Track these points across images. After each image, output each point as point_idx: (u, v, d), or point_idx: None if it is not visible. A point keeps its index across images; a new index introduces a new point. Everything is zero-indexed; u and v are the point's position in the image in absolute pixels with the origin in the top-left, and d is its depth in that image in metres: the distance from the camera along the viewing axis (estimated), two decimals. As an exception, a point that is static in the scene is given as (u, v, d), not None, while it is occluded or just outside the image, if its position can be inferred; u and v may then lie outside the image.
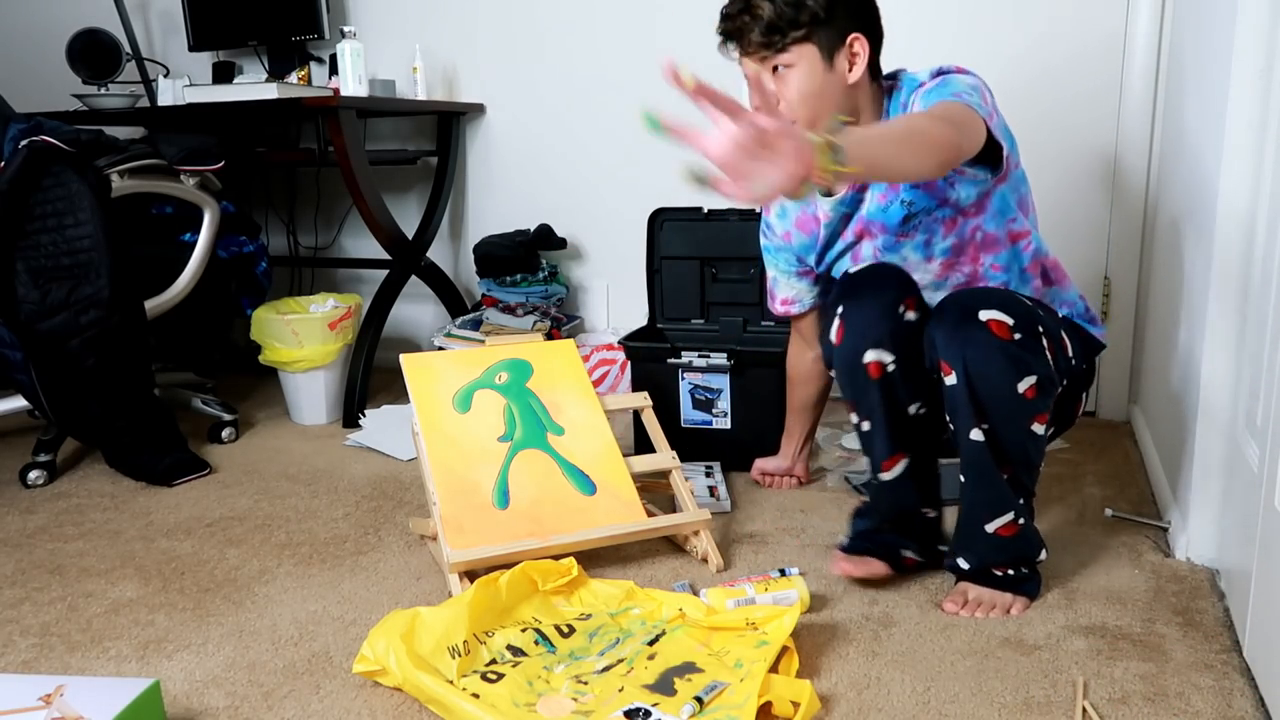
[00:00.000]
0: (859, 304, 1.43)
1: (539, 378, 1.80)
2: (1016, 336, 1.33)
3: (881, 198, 1.52)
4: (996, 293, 1.39)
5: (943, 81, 1.40)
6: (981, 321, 1.33)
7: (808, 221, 1.66)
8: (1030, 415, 1.37)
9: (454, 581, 1.50)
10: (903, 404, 1.46)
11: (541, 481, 1.65)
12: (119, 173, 2.09)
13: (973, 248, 1.53)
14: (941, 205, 1.49)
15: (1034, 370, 1.35)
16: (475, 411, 1.72)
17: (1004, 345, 1.32)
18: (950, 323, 1.36)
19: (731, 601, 1.40)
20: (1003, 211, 1.52)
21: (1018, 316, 1.34)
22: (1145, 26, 2.26)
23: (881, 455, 1.49)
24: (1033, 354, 1.35)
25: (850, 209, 1.57)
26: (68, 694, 1.13)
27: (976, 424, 1.37)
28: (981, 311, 1.34)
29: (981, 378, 1.34)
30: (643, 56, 2.71)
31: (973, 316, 1.34)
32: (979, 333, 1.33)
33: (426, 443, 1.64)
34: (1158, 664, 1.31)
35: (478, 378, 1.77)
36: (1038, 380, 1.35)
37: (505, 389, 1.77)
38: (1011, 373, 1.33)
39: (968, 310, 1.35)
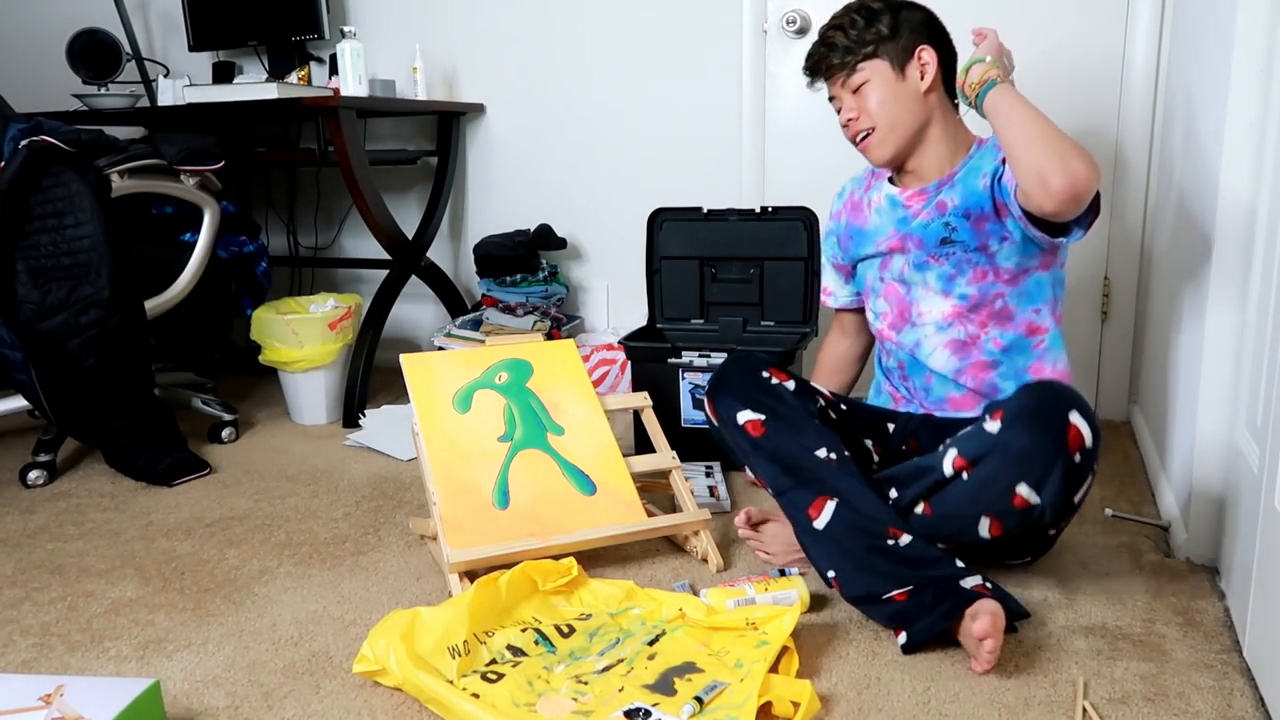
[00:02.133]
0: (724, 379, 1.58)
1: (539, 377, 1.80)
2: (1078, 459, 1.31)
3: (928, 214, 1.55)
4: (1075, 392, 1.37)
5: None
6: (1065, 427, 1.30)
7: (859, 207, 1.68)
8: (1029, 532, 1.38)
9: (454, 581, 1.50)
10: (810, 447, 1.46)
11: (541, 481, 1.65)
12: (119, 173, 2.09)
13: (988, 310, 1.54)
14: (980, 250, 1.51)
15: (1079, 489, 1.36)
16: (475, 411, 1.72)
17: (1069, 461, 1.31)
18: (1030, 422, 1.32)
19: (732, 601, 1.40)
20: (1032, 297, 1.54)
21: (1093, 425, 1.32)
22: (1145, 27, 2.26)
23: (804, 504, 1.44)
24: (1088, 471, 1.34)
25: (898, 222, 1.60)
26: (68, 694, 1.13)
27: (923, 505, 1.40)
28: (1072, 413, 1.31)
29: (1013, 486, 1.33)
30: (643, 56, 2.71)
31: (1060, 421, 1.30)
32: (1050, 448, 1.30)
33: (426, 443, 1.64)
34: (1158, 664, 1.31)
35: (478, 378, 1.77)
36: (1077, 498, 1.37)
37: (505, 389, 1.77)
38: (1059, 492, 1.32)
39: (1057, 411, 1.31)
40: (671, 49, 2.68)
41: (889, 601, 1.34)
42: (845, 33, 1.53)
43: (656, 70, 2.71)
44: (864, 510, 1.39)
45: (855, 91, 1.54)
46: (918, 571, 1.34)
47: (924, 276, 1.56)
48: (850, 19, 1.54)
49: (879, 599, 1.35)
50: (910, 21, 1.54)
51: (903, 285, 1.59)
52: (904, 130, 1.53)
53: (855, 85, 1.54)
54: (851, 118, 1.55)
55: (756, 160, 2.63)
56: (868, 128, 1.54)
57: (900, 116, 1.53)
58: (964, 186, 1.52)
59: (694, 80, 2.67)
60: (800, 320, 2.20)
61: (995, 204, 1.48)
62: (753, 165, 2.64)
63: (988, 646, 1.25)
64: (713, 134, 2.68)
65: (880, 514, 1.39)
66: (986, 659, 1.26)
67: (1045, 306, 1.55)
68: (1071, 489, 1.33)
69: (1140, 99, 2.30)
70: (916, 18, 1.55)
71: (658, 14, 2.67)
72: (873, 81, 1.53)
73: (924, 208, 1.56)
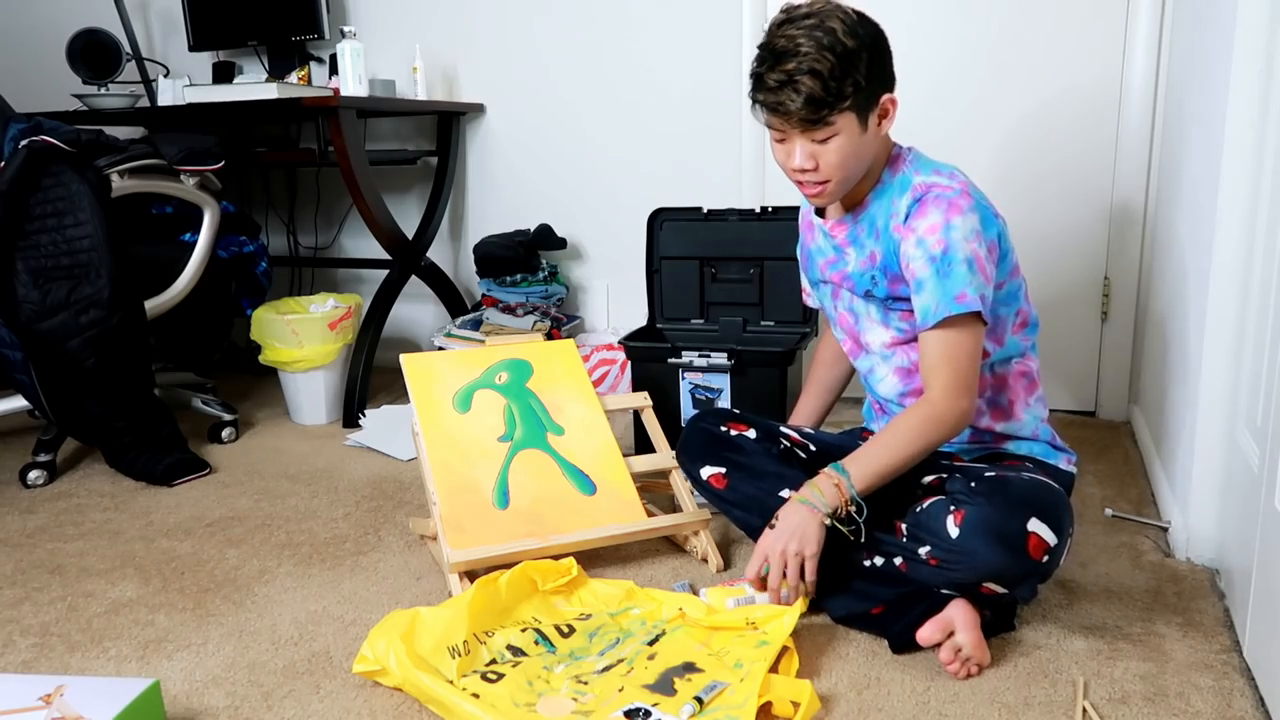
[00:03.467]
0: (687, 440, 1.58)
1: (539, 378, 1.80)
2: (1045, 560, 1.27)
3: (862, 263, 1.48)
4: (1032, 486, 1.33)
5: (944, 260, 1.35)
6: (1025, 537, 1.26)
7: (811, 228, 1.61)
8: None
9: (454, 581, 1.50)
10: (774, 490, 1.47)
11: (541, 481, 1.65)
12: (119, 173, 2.09)
13: None
14: (899, 299, 1.45)
15: (1046, 580, 1.33)
16: (475, 411, 1.72)
17: (1037, 566, 1.27)
18: (987, 537, 1.27)
19: (731, 600, 1.40)
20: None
21: (1055, 521, 1.28)
22: (1145, 27, 2.26)
23: None
24: (1057, 563, 1.30)
25: (835, 254, 1.54)
26: (68, 694, 1.13)
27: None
28: (1031, 521, 1.26)
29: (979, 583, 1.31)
30: (643, 56, 2.72)
31: (1019, 533, 1.26)
32: (1012, 560, 1.26)
33: (426, 442, 1.64)
34: (1158, 664, 1.31)
35: (478, 378, 1.77)
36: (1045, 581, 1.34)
37: (505, 389, 1.77)
38: (1031, 588, 1.31)
39: (1014, 523, 1.27)
40: (671, 49, 2.68)
41: (869, 616, 1.38)
42: (818, 80, 1.30)
43: (656, 70, 2.71)
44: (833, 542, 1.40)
45: (818, 142, 1.36)
46: (893, 589, 1.37)
47: (866, 308, 1.52)
48: (822, 57, 1.29)
49: (859, 617, 1.39)
50: (877, 58, 1.35)
51: (851, 315, 1.55)
52: (853, 181, 1.41)
53: (821, 138, 1.35)
54: (807, 168, 1.37)
55: (756, 160, 2.63)
56: (823, 180, 1.38)
57: (856, 169, 1.39)
58: (883, 241, 1.44)
59: (694, 80, 2.67)
60: (800, 320, 2.20)
61: (902, 271, 1.42)
62: (753, 165, 2.64)
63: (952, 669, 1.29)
64: (713, 134, 2.68)
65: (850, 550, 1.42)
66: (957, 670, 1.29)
67: (987, 336, 1.46)
68: (1045, 578, 1.31)
69: (1140, 99, 2.29)
70: (881, 54, 1.36)
71: (658, 14, 2.67)
72: (840, 136, 1.35)
73: (850, 243, 1.49)
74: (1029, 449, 1.50)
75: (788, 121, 1.35)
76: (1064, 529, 1.29)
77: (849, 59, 1.31)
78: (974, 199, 1.38)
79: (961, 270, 1.35)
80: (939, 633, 1.30)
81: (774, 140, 1.41)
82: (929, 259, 1.36)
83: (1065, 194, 2.40)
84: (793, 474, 1.48)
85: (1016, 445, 1.50)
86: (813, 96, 1.31)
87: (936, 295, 1.36)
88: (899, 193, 1.42)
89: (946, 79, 2.43)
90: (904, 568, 1.38)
